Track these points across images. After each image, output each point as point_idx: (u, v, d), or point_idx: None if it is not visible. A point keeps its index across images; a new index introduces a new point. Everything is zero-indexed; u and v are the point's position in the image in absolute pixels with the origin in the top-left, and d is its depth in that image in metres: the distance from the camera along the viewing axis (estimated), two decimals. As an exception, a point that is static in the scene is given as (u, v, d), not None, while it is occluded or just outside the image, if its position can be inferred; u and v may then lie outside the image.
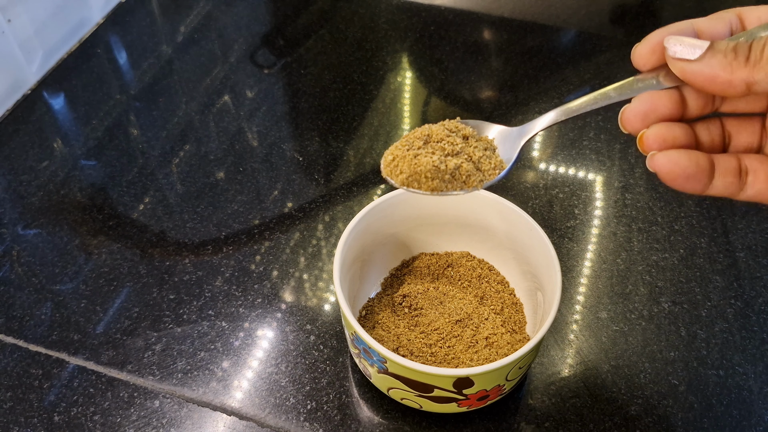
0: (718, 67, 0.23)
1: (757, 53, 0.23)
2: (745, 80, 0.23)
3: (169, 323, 0.41)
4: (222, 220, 0.47)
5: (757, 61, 0.22)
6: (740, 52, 0.23)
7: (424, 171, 0.28)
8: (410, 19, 0.64)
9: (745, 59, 0.23)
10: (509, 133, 0.30)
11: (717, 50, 0.23)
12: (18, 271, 0.44)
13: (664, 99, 0.26)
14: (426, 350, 0.37)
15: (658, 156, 0.26)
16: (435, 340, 0.38)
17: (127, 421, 0.37)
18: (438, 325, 0.38)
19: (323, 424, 0.36)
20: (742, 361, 0.39)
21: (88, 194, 0.49)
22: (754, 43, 0.23)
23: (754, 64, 0.23)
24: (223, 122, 0.55)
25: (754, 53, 0.23)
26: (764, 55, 0.22)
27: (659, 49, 0.25)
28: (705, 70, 0.23)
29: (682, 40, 0.24)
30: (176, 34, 0.63)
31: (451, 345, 0.37)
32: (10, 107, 0.55)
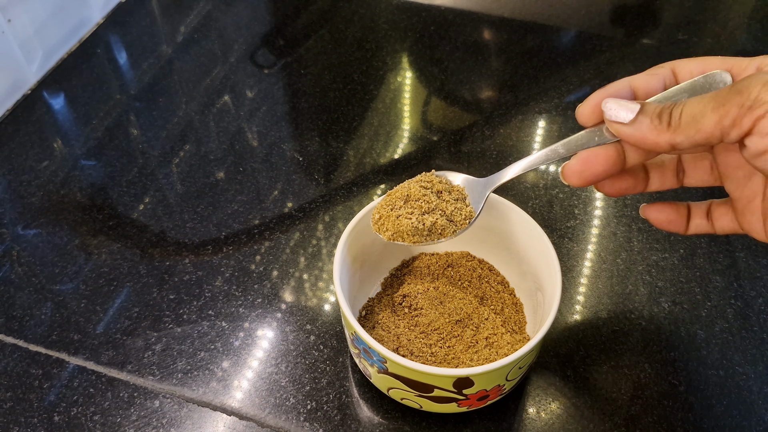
0: (646, 131, 0.27)
1: (676, 118, 0.26)
2: (669, 142, 0.26)
3: (169, 323, 0.41)
4: (222, 220, 0.47)
5: (676, 126, 0.26)
6: (663, 117, 0.26)
7: (406, 230, 0.33)
8: (410, 19, 0.64)
9: (667, 124, 0.26)
10: (477, 183, 0.34)
11: (646, 114, 0.27)
12: (18, 271, 0.44)
13: (599, 158, 0.29)
14: (426, 350, 0.37)
15: (648, 209, 0.32)
16: (435, 340, 0.38)
17: (127, 421, 0.37)
18: (438, 325, 0.38)
19: (323, 424, 0.36)
20: (742, 361, 0.39)
21: (88, 194, 0.49)
22: (673, 109, 0.26)
23: (674, 128, 0.26)
24: (223, 122, 0.55)
25: (674, 118, 0.26)
26: (682, 120, 0.25)
27: (599, 110, 0.29)
28: (635, 133, 0.27)
29: (617, 103, 0.28)
30: (176, 34, 0.63)
31: (451, 345, 0.37)
32: (10, 107, 0.55)
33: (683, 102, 0.26)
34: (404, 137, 0.53)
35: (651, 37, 0.62)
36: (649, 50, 0.60)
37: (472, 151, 0.52)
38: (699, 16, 0.64)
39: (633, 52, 0.60)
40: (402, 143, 0.53)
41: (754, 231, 0.30)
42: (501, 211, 0.38)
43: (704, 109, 0.25)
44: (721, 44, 0.61)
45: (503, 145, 0.52)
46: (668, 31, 0.62)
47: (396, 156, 0.52)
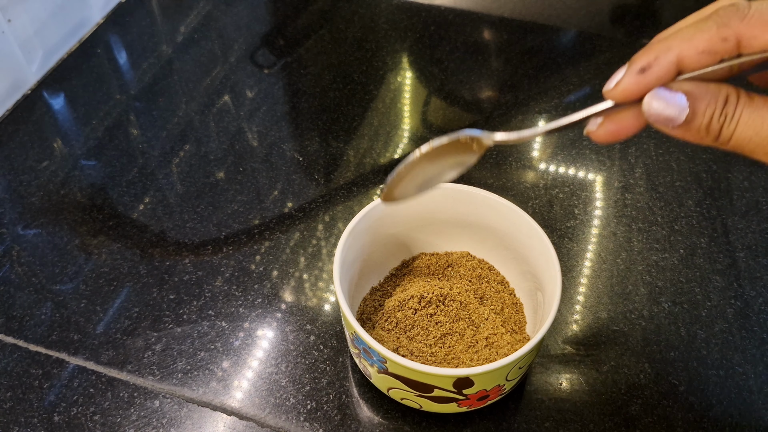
0: (691, 137, 0.24)
1: (726, 136, 0.24)
2: (711, 145, 0.25)
3: (169, 323, 0.41)
4: (222, 220, 0.47)
5: (724, 142, 0.24)
6: (712, 131, 0.24)
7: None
8: (410, 19, 0.64)
9: (714, 138, 0.24)
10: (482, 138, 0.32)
11: (693, 125, 0.24)
12: (18, 271, 0.44)
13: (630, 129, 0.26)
14: (426, 350, 0.37)
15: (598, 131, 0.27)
16: (435, 340, 0.38)
17: (127, 421, 0.37)
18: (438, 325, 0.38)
19: (323, 424, 0.36)
20: (742, 361, 0.39)
21: (88, 194, 0.49)
22: (725, 127, 0.23)
23: (722, 143, 0.24)
24: (223, 122, 0.55)
25: (724, 136, 0.24)
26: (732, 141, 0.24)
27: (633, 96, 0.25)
28: (678, 135, 0.24)
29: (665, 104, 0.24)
30: (176, 34, 0.63)
31: (451, 345, 0.37)
32: (10, 107, 0.55)
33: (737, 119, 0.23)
34: (404, 137, 0.53)
35: (651, 37, 0.62)
36: (649, 50, 0.60)
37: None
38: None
39: (633, 52, 0.60)
40: (402, 143, 0.53)
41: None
42: (501, 211, 0.38)
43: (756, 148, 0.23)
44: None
45: (503, 144, 0.52)
46: (668, 31, 0.62)
47: (396, 156, 0.52)
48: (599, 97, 0.29)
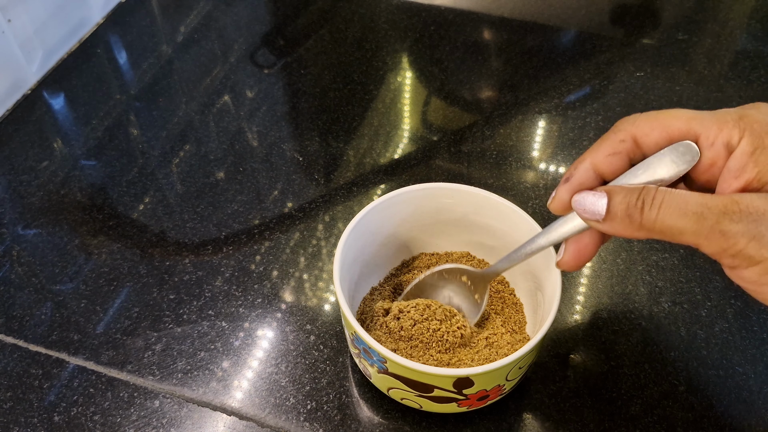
0: (620, 228, 0.26)
1: (650, 220, 0.25)
2: (644, 237, 0.26)
3: (169, 323, 0.41)
4: (222, 220, 0.47)
5: (651, 228, 0.25)
6: (635, 217, 0.26)
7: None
8: (410, 19, 0.64)
9: (638, 225, 0.26)
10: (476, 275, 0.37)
11: (615, 213, 0.26)
12: (18, 271, 0.44)
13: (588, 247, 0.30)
14: (426, 350, 0.37)
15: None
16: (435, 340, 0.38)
17: (127, 421, 0.37)
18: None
19: (323, 424, 0.36)
20: (742, 361, 0.39)
21: (88, 194, 0.49)
22: (645, 209, 0.25)
23: (648, 229, 0.25)
24: (223, 122, 0.55)
25: (647, 219, 0.25)
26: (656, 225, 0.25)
27: (568, 205, 0.29)
28: (610, 230, 0.27)
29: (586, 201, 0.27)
30: (176, 34, 0.63)
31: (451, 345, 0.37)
32: (10, 107, 0.55)
33: (659, 202, 0.25)
34: (404, 137, 0.53)
35: (651, 37, 0.62)
36: (649, 50, 0.60)
37: (472, 151, 0.52)
38: (699, 16, 0.64)
39: (633, 52, 0.60)
40: (402, 143, 0.53)
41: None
42: (501, 211, 0.38)
43: (684, 227, 0.24)
44: (721, 44, 0.61)
45: (503, 145, 0.52)
46: (668, 30, 0.62)
47: (396, 156, 0.52)
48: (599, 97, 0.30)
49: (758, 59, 0.59)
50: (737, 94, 0.55)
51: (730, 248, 0.24)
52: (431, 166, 0.51)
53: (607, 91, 0.56)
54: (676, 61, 0.59)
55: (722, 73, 0.58)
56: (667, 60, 0.59)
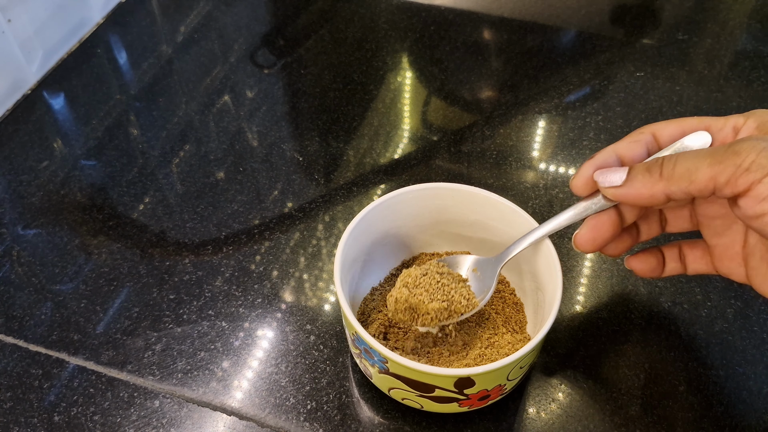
0: (640, 186, 0.29)
1: (669, 169, 0.28)
2: (664, 192, 0.28)
3: (169, 323, 0.41)
4: (222, 220, 0.47)
5: (670, 176, 0.27)
6: (654, 170, 0.28)
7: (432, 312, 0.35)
8: (410, 19, 0.64)
9: (659, 175, 0.28)
10: (487, 262, 0.36)
11: (636, 172, 0.29)
12: (18, 271, 0.44)
13: (606, 224, 0.32)
14: (427, 350, 0.37)
15: (633, 260, 0.35)
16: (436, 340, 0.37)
17: (127, 421, 0.37)
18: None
19: (323, 424, 0.36)
20: (742, 362, 0.39)
21: (88, 194, 0.49)
22: (665, 161, 0.28)
23: (667, 178, 0.28)
24: (223, 122, 0.55)
25: (666, 169, 0.28)
26: (675, 171, 0.27)
27: (591, 181, 0.31)
28: (631, 191, 0.29)
29: (608, 171, 0.30)
30: (176, 34, 0.63)
31: (451, 345, 0.37)
32: (10, 107, 0.55)
33: (676, 155, 0.28)
34: (404, 137, 0.54)
35: (651, 37, 0.62)
36: (649, 50, 0.60)
37: (472, 151, 0.52)
38: (699, 16, 0.64)
39: (633, 52, 0.60)
40: (402, 143, 0.53)
41: (733, 275, 0.32)
42: (501, 211, 0.38)
43: (700, 163, 0.26)
44: (721, 44, 0.61)
45: (503, 145, 0.52)
46: (668, 31, 0.62)
47: (396, 156, 0.52)
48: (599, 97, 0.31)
49: (758, 59, 0.59)
50: (737, 94, 0.55)
51: (744, 162, 0.25)
52: (431, 166, 0.51)
53: (607, 91, 0.56)
54: (676, 61, 0.59)
55: (722, 73, 0.58)
56: (667, 60, 0.59)
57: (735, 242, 0.32)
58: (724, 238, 0.32)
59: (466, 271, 0.37)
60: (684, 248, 0.35)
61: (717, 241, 0.33)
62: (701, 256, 0.34)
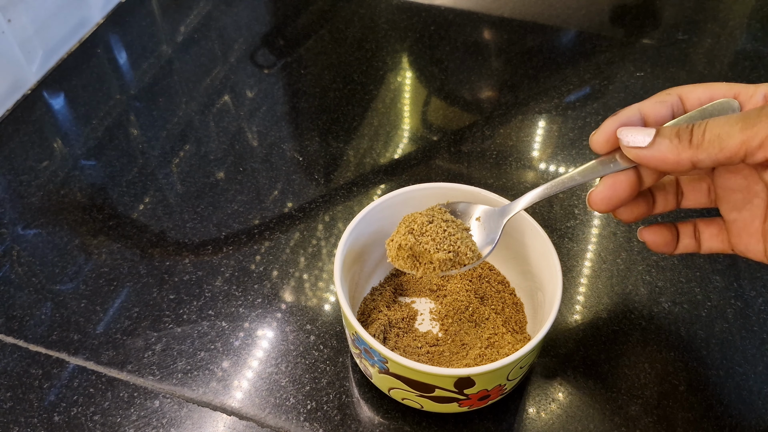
0: (666, 151, 0.27)
1: (698, 136, 0.26)
2: (691, 159, 0.27)
3: (169, 323, 0.41)
4: (222, 220, 0.47)
5: (699, 143, 0.26)
6: (683, 136, 0.27)
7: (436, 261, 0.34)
8: (410, 19, 0.64)
9: (688, 142, 0.27)
10: (493, 213, 0.35)
11: (663, 136, 0.27)
12: (18, 271, 0.44)
13: (623, 184, 0.30)
14: (427, 350, 0.37)
15: (646, 231, 0.34)
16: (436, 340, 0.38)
17: (127, 421, 0.37)
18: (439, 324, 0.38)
19: (323, 424, 0.36)
20: (742, 361, 0.39)
21: (88, 194, 0.49)
22: (695, 128, 0.27)
23: (696, 146, 0.26)
24: (223, 122, 0.55)
25: (696, 136, 0.26)
26: (705, 138, 0.26)
27: (613, 138, 0.29)
28: (656, 154, 0.28)
29: (632, 130, 0.28)
30: (176, 34, 0.63)
31: (452, 345, 0.37)
32: (10, 107, 0.55)
33: (705, 121, 0.26)
34: (404, 137, 0.54)
35: (651, 37, 0.62)
36: (649, 50, 0.60)
37: (472, 150, 0.52)
38: (699, 16, 0.64)
39: (633, 52, 0.60)
40: (402, 143, 0.53)
41: (751, 252, 0.31)
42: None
43: (731, 128, 0.26)
44: (721, 44, 0.61)
45: (503, 145, 0.52)
46: (668, 31, 0.62)
47: (396, 156, 0.52)
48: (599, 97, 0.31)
49: (758, 59, 0.59)
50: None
51: None
52: (431, 166, 0.51)
53: (607, 91, 0.56)
54: (676, 61, 0.59)
55: (722, 73, 0.58)
56: (666, 60, 0.59)
57: (755, 217, 0.30)
58: (743, 213, 0.31)
59: (471, 221, 0.35)
60: (699, 225, 0.33)
61: (736, 215, 0.31)
62: (717, 234, 0.33)
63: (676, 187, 0.34)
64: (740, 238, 0.31)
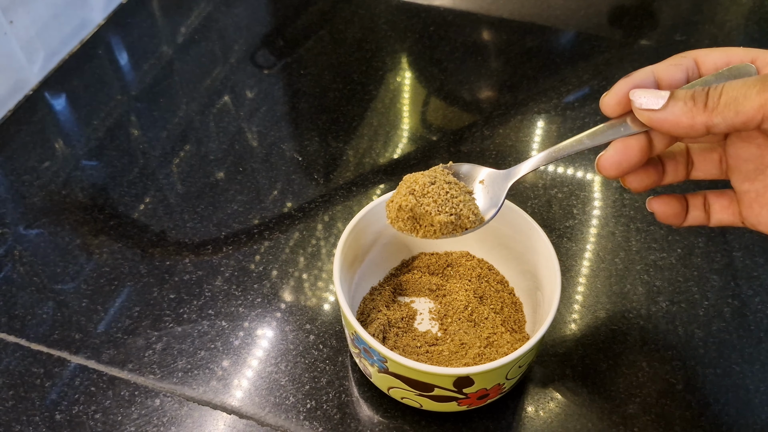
0: (680, 114, 0.26)
1: (714, 99, 0.25)
2: (705, 123, 0.26)
3: (170, 322, 0.41)
4: (222, 220, 0.47)
5: (714, 107, 0.25)
6: (698, 99, 0.26)
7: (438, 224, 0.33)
8: (410, 20, 0.65)
9: (703, 105, 0.26)
10: (497, 176, 0.33)
11: (677, 99, 0.26)
12: (20, 271, 0.44)
13: (634, 149, 0.29)
14: (426, 349, 0.37)
15: (655, 201, 0.33)
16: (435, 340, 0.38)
17: (128, 419, 0.37)
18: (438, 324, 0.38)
19: (323, 422, 0.37)
20: (739, 360, 0.39)
21: (89, 194, 0.49)
22: (710, 91, 0.26)
23: (711, 109, 0.26)
24: (223, 122, 0.55)
25: (712, 100, 0.26)
26: (721, 101, 0.25)
27: (625, 100, 0.29)
28: (669, 117, 0.27)
29: (646, 92, 0.27)
30: (177, 35, 0.63)
31: (451, 344, 0.38)
32: (12, 108, 0.56)
33: (721, 84, 0.26)
34: (404, 137, 0.54)
35: (649, 38, 0.62)
36: (646, 51, 0.61)
37: (472, 150, 0.52)
38: (696, 17, 0.64)
39: (631, 53, 0.60)
40: (401, 143, 0.53)
41: (762, 224, 0.30)
42: (501, 211, 0.38)
43: (748, 91, 0.25)
44: (718, 45, 0.61)
45: (502, 145, 0.52)
46: (665, 32, 0.63)
47: (395, 156, 0.52)
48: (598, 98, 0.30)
49: (756, 60, 0.59)
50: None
51: None
52: (430, 166, 0.51)
53: (605, 91, 0.56)
54: (674, 61, 0.59)
55: (720, 73, 0.58)
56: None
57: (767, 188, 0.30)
58: (756, 184, 0.30)
59: (474, 184, 0.34)
60: (709, 197, 0.33)
61: (748, 186, 0.30)
62: (727, 206, 0.32)
63: (686, 157, 0.33)
64: (752, 210, 0.30)
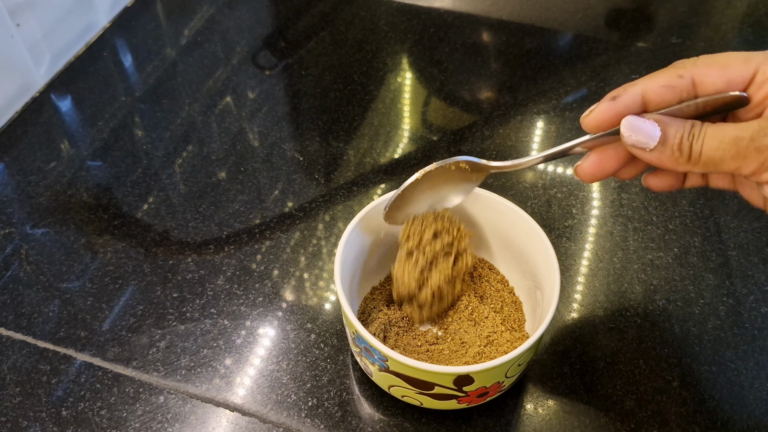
0: (666, 160, 0.28)
1: (696, 154, 0.27)
2: (689, 170, 0.28)
3: (173, 321, 0.42)
4: (224, 220, 0.48)
5: (696, 161, 0.27)
6: (684, 150, 0.27)
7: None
8: (410, 21, 0.65)
9: (687, 157, 0.27)
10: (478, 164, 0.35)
11: (666, 146, 0.28)
12: (26, 270, 0.45)
13: (611, 160, 0.30)
14: (426, 348, 0.37)
15: (650, 178, 0.33)
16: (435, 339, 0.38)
17: (133, 415, 0.37)
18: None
19: (324, 420, 0.37)
20: (734, 357, 0.39)
21: (94, 194, 0.50)
22: (694, 144, 0.27)
23: (694, 163, 0.27)
24: (225, 123, 0.55)
25: (694, 153, 0.27)
26: (701, 159, 0.27)
27: (605, 124, 0.29)
28: (654, 160, 0.28)
29: (637, 129, 0.28)
30: (180, 37, 0.64)
31: (451, 343, 0.38)
32: (18, 109, 0.56)
33: (702, 136, 0.27)
34: (404, 137, 0.54)
35: (645, 40, 0.62)
36: (643, 53, 0.61)
37: (472, 150, 0.52)
38: (692, 20, 0.64)
39: (628, 54, 0.61)
40: (402, 143, 0.54)
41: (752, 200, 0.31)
42: (500, 211, 0.39)
43: (724, 155, 0.26)
44: (713, 48, 0.61)
45: (502, 145, 0.53)
46: (662, 34, 0.63)
47: (396, 156, 0.53)
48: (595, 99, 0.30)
49: (753, 61, 0.59)
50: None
51: (767, 161, 0.26)
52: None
53: (603, 92, 0.56)
54: (670, 63, 0.60)
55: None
56: (661, 63, 0.59)
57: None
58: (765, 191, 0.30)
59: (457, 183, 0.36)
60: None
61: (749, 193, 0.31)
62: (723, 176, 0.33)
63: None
64: (745, 189, 0.32)
